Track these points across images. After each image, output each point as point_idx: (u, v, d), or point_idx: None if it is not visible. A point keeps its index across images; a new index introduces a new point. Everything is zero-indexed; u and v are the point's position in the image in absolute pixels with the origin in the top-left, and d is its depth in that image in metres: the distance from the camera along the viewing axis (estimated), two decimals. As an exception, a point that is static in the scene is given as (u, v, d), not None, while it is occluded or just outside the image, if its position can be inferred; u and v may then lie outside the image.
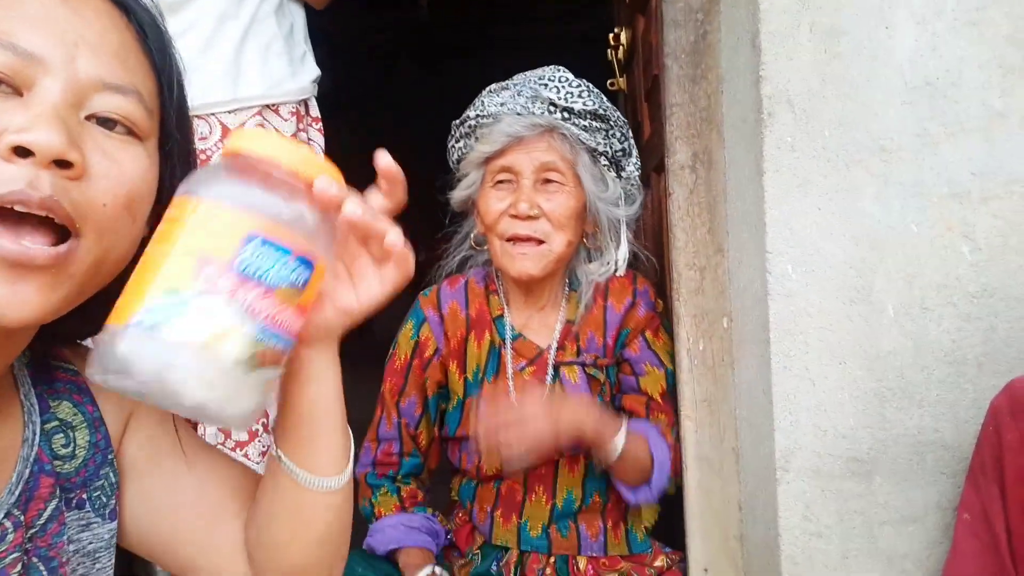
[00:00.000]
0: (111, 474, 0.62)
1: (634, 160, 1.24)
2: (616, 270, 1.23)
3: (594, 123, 1.16)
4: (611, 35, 2.00)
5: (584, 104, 1.15)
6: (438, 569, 1.12)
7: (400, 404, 1.25)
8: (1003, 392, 0.85)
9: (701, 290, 1.18)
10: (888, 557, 0.99)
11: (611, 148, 1.19)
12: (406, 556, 1.16)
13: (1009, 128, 0.94)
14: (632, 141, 1.24)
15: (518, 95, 1.17)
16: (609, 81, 2.06)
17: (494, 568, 1.23)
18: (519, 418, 1.05)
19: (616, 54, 2.02)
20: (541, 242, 1.15)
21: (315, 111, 1.37)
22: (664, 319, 1.25)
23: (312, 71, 1.36)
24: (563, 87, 1.16)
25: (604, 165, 1.19)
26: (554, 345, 1.23)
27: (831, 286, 0.99)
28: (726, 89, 1.12)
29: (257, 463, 1.23)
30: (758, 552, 1.11)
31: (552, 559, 1.21)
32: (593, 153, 1.17)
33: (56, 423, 0.59)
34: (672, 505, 1.26)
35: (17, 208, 0.47)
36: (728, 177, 1.13)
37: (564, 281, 1.26)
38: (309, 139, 1.36)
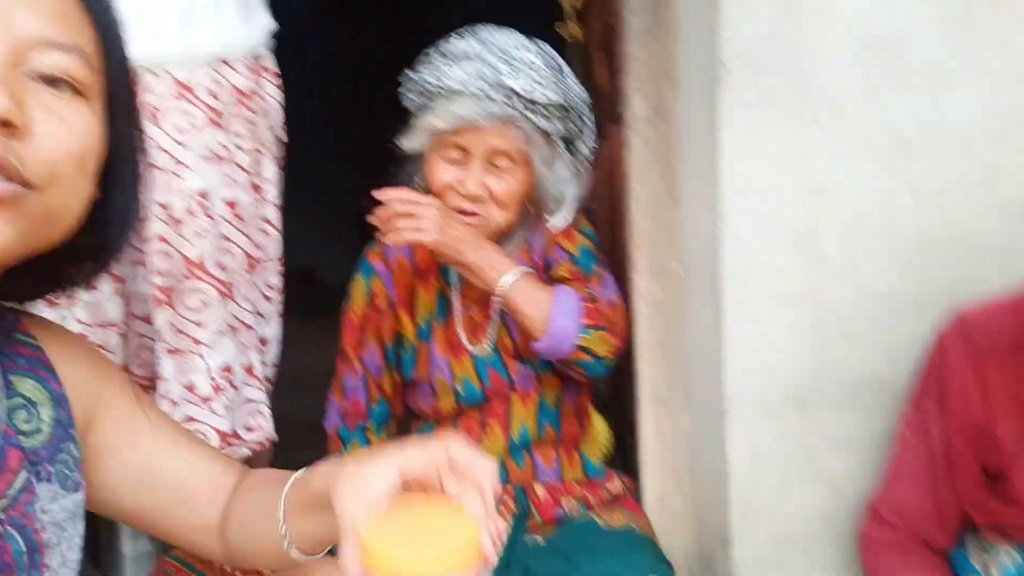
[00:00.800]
0: (73, 448, 0.63)
1: (588, 138, 1.24)
2: (554, 228, 1.25)
3: (555, 112, 1.16)
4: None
5: (547, 97, 1.14)
6: None
7: (362, 356, 1.28)
8: (953, 321, 0.95)
9: (656, 239, 1.24)
10: (826, 480, 1.10)
11: (568, 131, 1.20)
12: None
13: (952, 83, 1.00)
14: (591, 122, 1.23)
15: (479, 77, 1.14)
16: (556, 24, 2.05)
17: None
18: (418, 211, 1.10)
19: (571, 1, 2.01)
20: (482, 216, 1.17)
21: (271, 64, 1.34)
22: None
23: (266, 22, 1.32)
24: (527, 74, 1.13)
25: (560, 147, 1.20)
26: None
27: (779, 235, 1.05)
28: (682, 42, 1.15)
29: (223, 417, 1.24)
30: (708, 481, 1.21)
31: (511, 488, 1.26)
32: (548, 137, 1.18)
33: (19, 399, 0.60)
34: (626, 438, 1.35)
35: None
36: (684, 130, 1.17)
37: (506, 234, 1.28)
38: (266, 94, 1.32)
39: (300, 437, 2.36)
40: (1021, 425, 0.87)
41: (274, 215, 1.36)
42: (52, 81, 0.52)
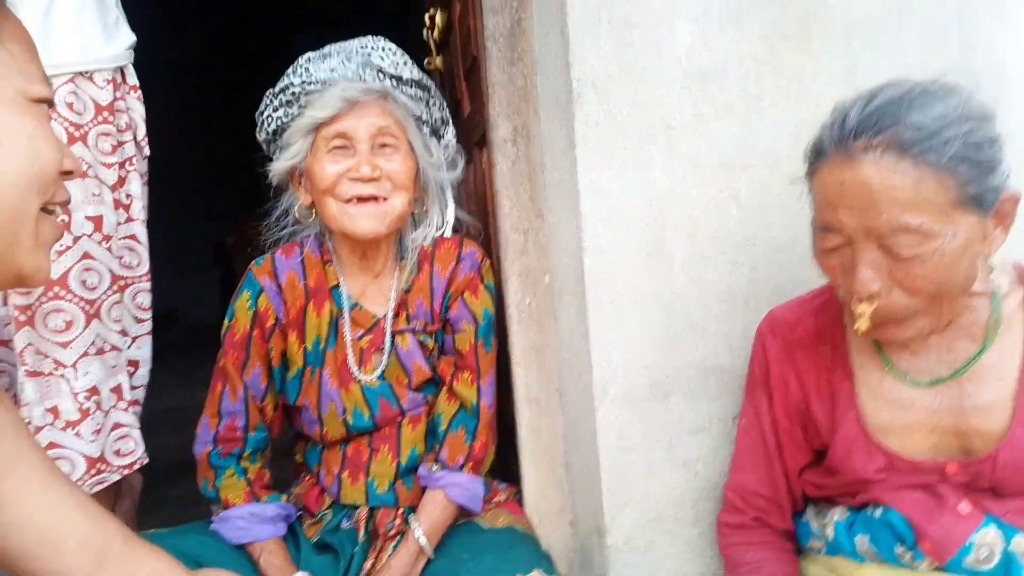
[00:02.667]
0: None
1: (451, 129, 1.32)
2: (443, 231, 1.30)
3: (419, 92, 1.23)
4: (427, 16, 2.08)
5: (411, 73, 1.22)
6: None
7: (245, 377, 1.23)
8: (766, 318, 1.07)
9: (525, 251, 1.32)
10: (684, 462, 1.20)
11: (431, 117, 1.27)
12: (264, 550, 1.18)
13: (762, 110, 1.16)
14: (447, 112, 1.32)
15: (348, 61, 1.18)
16: (426, 60, 2.14)
17: (345, 523, 1.27)
18: None
19: (432, 34, 2.10)
20: (385, 199, 1.18)
21: (132, 78, 1.32)
22: (487, 276, 1.32)
23: (127, 37, 1.30)
24: (389, 56, 1.21)
25: (426, 133, 1.26)
26: (390, 314, 1.27)
27: (632, 242, 1.16)
28: (540, 71, 1.25)
29: (91, 441, 1.19)
30: (582, 474, 1.28)
31: (400, 511, 1.27)
32: (419, 121, 1.24)
33: None
34: (505, 444, 1.40)
35: None
36: (545, 149, 1.26)
37: (396, 249, 1.30)
38: (128, 107, 1.30)
39: (168, 474, 2.25)
40: (831, 404, 1.00)
41: (141, 232, 1.33)
42: None
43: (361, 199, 1.17)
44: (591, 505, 1.24)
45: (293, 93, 1.19)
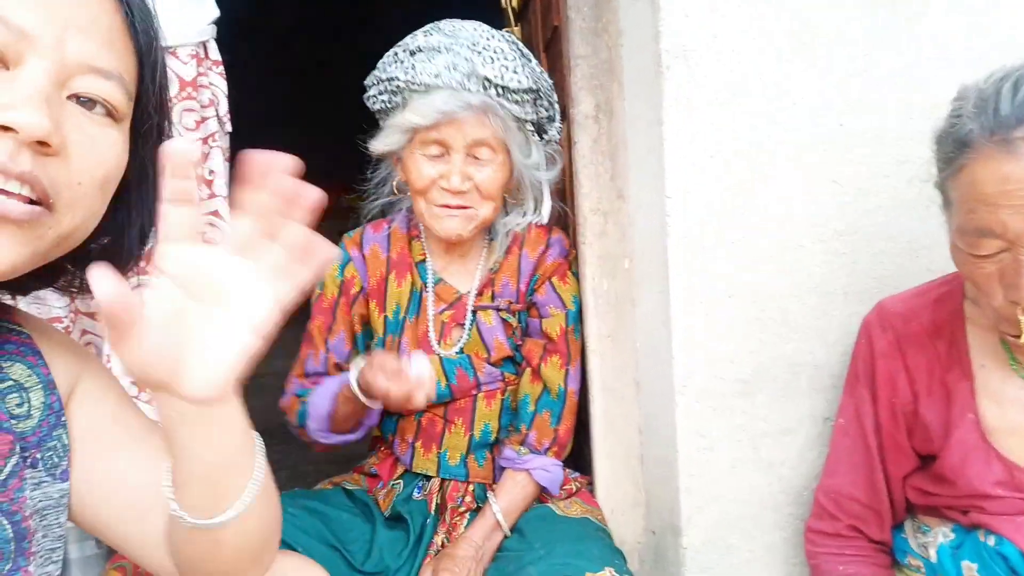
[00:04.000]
0: (64, 436, 0.63)
1: (557, 124, 1.27)
2: (540, 220, 1.29)
3: (526, 97, 1.18)
4: (507, -17, 2.03)
5: (519, 82, 1.15)
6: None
7: (329, 340, 1.29)
8: (874, 309, 0.99)
9: (605, 233, 1.26)
10: (768, 464, 1.14)
11: (538, 116, 1.22)
12: (344, 390, 1.18)
13: (865, 85, 1.06)
14: (557, 106, 1.26)
15: (453, 68, 1.13)
16: (504, 29, 2.08)
17: (416, 494, 1.29)
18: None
19: (511, 2, 2.05)
20: (471, 207, 1.19)
21: (215, 54, 1.32)
22: (574, 264, 1.31)
23: (211, 11, 1.31)
24: (498, 62, 1.14)
25: (530, 131, 1.22)
26: (473, 291, 1.28)
27: (719, 228, 1.09)
28: (626, 42, 1.19)
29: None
30: (657, 468, 1.24)
31: (471, 486, 1.28)
32: (520, 122, 1.20)
33: (11, 383, 0.60)
34: (579, 434, 1.37)
35: None
36: (628, 126, 1.20)
37: (485, 232, 1.30)
38: (210, 83, 1.31)
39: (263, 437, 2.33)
40: (944, 406, 0.92)
41: (224, 208, 1.35)
42: (88, 102, 0.54)
43: (449, 207, 1.19)
44: (667, 502, 1.20)
45: (397, 86, 1.17)
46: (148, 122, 0.60)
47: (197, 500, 0.56)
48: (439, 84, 1.13)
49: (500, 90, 1.14)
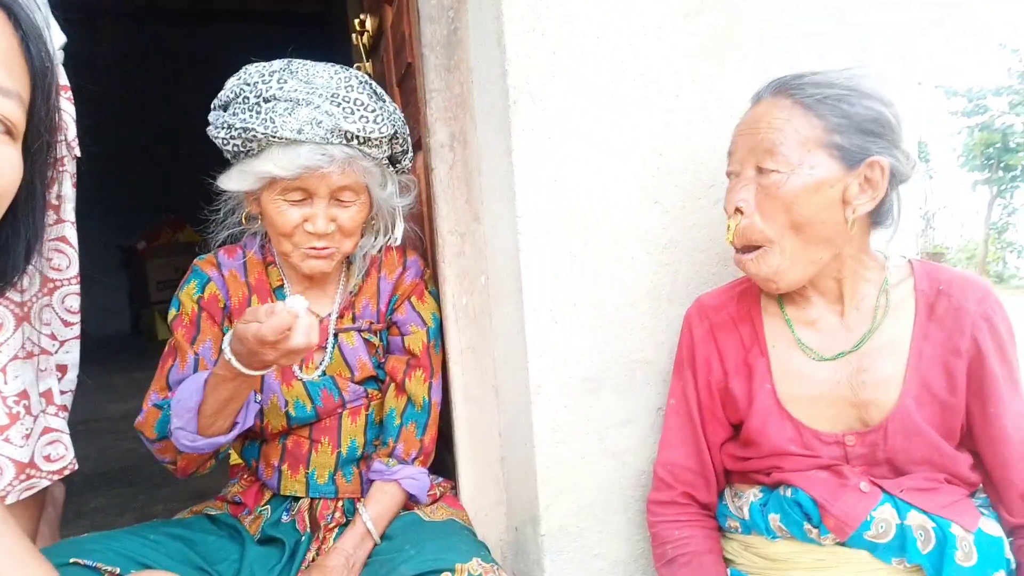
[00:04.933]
0: None
1: (409, 155, 1.31)
2: (394, 242, 1.34)
3: (385, 142, 1.22)
4: (356, 20, 2.10)
5: (381, 132, 1.18)
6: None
7: (196, 348, 1.25)
8: (693, 304, 1.17)
9: (462, 252, 1.36)
10: (613, 452, 1.27)
11: (393, 151, 1.26)
12: (217, 369, 1.09)
13: (685, 121, 1.25)
14: (410, 140, 1.30)
15: (316, 124, 1.12)
16: (356, 65, 2.16)
17: (285, 517, 1.29)
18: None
19: (361, 39, 2.12)
20: (335, 248, 1.22)
21: (63, 79, 1.29)
22: (430, 283, 1.38)
23: (58, 37, 1.28)
24: (359, 113, 1.15)
25: (384, 164, 1.26)
26: (334, 314, 1.31)
27: (565, 244, 1.22)
28: (476, 79, 1.31)
29: (21, 447, 1.15)
30: (517, 467, 1.34)
31: (340, 502, 1.30)
32: (377, 162, 1.23)
33: None
34: (442, 441, 1.44)
35: None
36: (482, 154, 1.31)
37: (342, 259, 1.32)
38: (59, 108, 1.27)
39: (87, 485, 2.18)
40: (747, 380, 1.10)
41: (71, 234, 1.31)
42: None
43: (316, 249, 1.20)
44: (526, 496, 1.30)
45: (253, 136, 1.14)
46: (39, 140, 0.61)
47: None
48: (302, 139, 1.12)
49: (361, 140, 1.17)
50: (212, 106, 1.22)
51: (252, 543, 1.24)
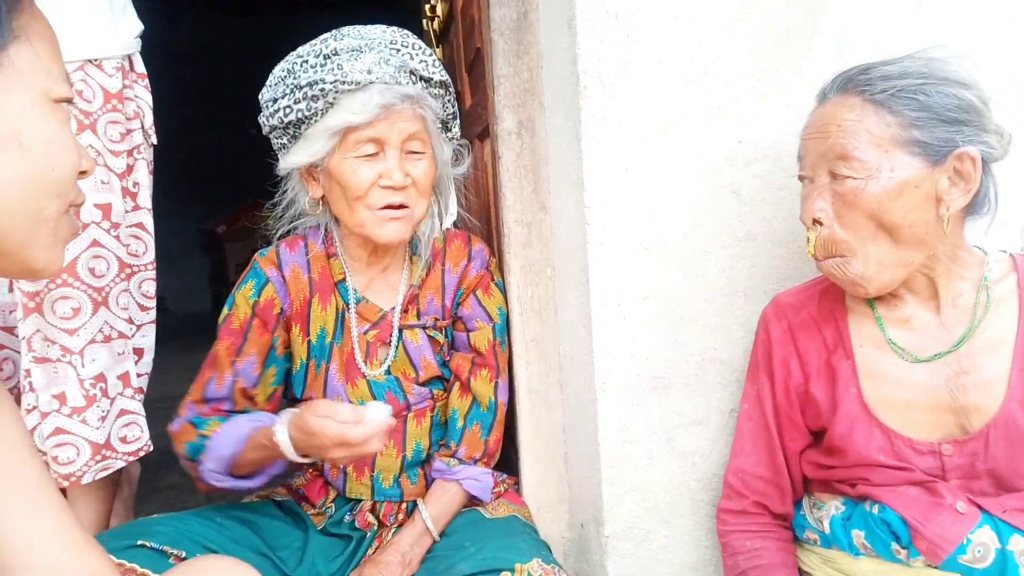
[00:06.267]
0: None
1: (458, 122, 1.30)
2: (443, 223, 1.30)
3: (440, 91, 1.21)
4: (427, 6, 2.08)
5: (440, 75, 1.19)
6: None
7: (237, 364, 1.22)
8: (770, 303, 1.10)
9: (528, 243, 1.33)
10: (682, 454, 1.22)
11: (446, 113, 1.25)
12: (260, 436, 1.09)
13: (764, 106, 1.18)
14: (456, 106, 1.30)
15: (385, 63, 1.12)
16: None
17: (348, 517, 1.28)
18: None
19: (432, 25, 2.11)
20: (409, 207, 1.17)
21: (140, 67, 1.32)
22: (496, 274, 1.34)
23: (135, 25, 1.30)
24: (420, 56, 1.17)
25: (439, 129, 1.25)
26: (398, 308, 1.27)
27: (634, 235, 1.17)
28: (545, 64, 1.27)
29: (96, 428, 1.19)
30: (581, 465, 1.30)
31: (404, 505, 1.29)
32: (437, 120, 1.22)
33: None
34: (505, 437, 1.42)
35: None
36: (550, 142, 1.27)
37: (405, 245, 1.30)
38: (136, 95, 1.30)
39: (161, 464, 2.26)
40: (831, 384, 1.02)
41: (148, 221, 1.34)
42: None
43: (392, 207, 1.16)
44: (590, 495, 1.26)
45: (322, 89, 1.11)
46: None
47: None
48: (372, 80, 1.11)
49: (426, 83, 1.17)
50: (263, 91, 1.20)
51: (316, 532, 1.25)
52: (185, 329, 4.89)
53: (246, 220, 5.44)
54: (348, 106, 1.12)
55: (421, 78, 1.17)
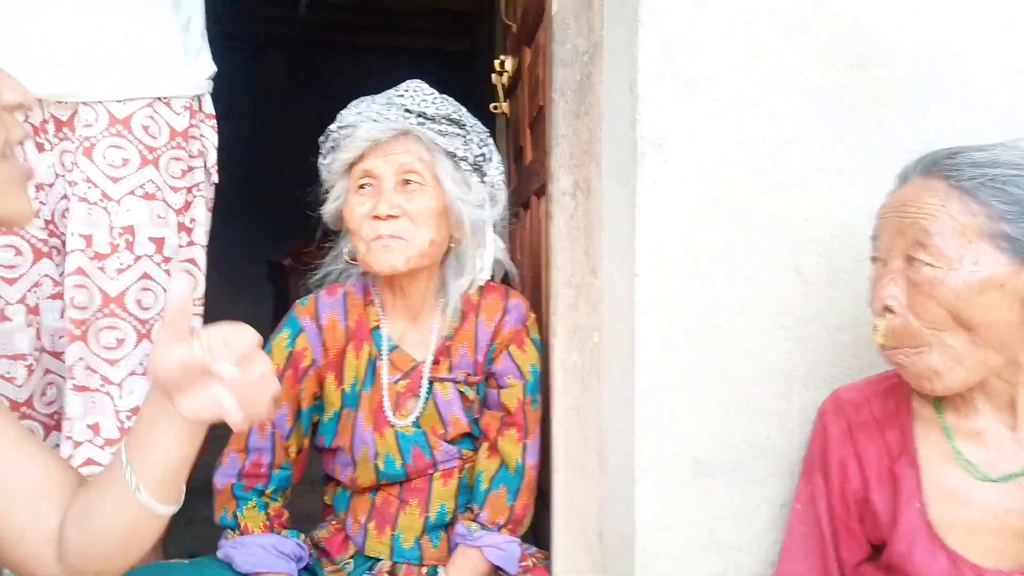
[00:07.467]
0: None
1: (495, 165, 1.29)
2: (482, 273, 1.28)
3: (450, 128, 1.22)
4: (497, 61, 2.11)
5: (437, 110, 1.22)
6: None
7: (273, 416, 1.21)
8: (829, 398, 1.02)
9: (576, 306, 1.29)
10: (725, 548, 1.13)
11: (471, 153, 1.24)
12: None
13: (830, 182, 1.12)
14: (493, 147, 1.30)
15: (373, 103, 1.23)
16: (492, 105, 2.16)
17: None
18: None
19: (501, 79, 2.13)
20: (403, 239, 1.18)
21: (209, 107, 1.35)
22: (532, 329, 1.31)
23: (207, 67, 1.34)
24: (416, 95, 1.23)
25: (467, 170, 1.24)
26: (429, 359, 1.26)
27: (687, 308, 1.12)
28: (605, 126, 1.24)
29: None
30: (615, 545, 1.23)
31: (424, 570, 1.24)
32: (453, 158, 1.22)
33: None
34: (539, 506, 1.36)
35: None
36: (604, 205, 1.24)
37: (439, 292, 1.29)
38: (201, 134, 1.34)
39: (199, 493, 2.25)
40: (892, 494, 0.93)
41: (201, 257, 1.36)
42: None
43: (381, 237, 1.18)
44: (623, 581, 1.18)
45: (333, 139, 1.25)
46: None
47: (157, 488, 0.68)
48: (361, 119, 1.20)
49: (420, 117, 1.20)
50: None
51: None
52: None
53: (310, 255, 5.60)
54: (344, 145, 1.22)
55: (415, 113, 1.21)
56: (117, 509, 0.67)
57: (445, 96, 1.27)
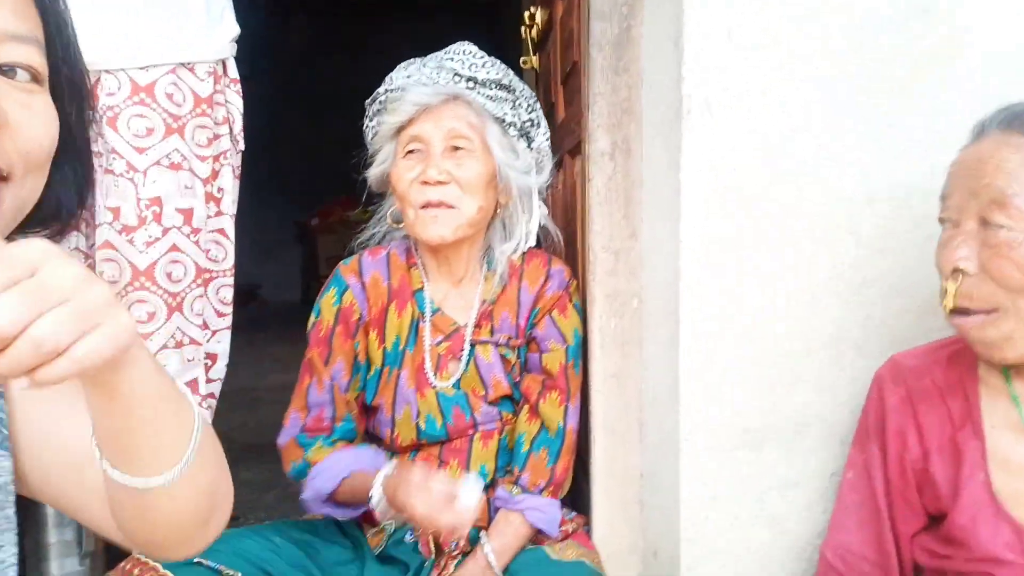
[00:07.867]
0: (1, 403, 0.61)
1: (543, 131, 1.27)
2: (528, 240, 1.26)
3: (499, 92, 1.20)
4: (526, 13, 2.03)
5: (487, 74, 1.19)
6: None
7: (331, 370, 1.24)
8: (886, 364, 0.98)
9: (615, 271, 1.25)
10: (772, 518, 1.11)
11: (519, 119, 1.22)
12: (356, 482, 1.15)
13: (896, 140, 1.05)
14: (540, 113, 1.27)
15: (423, 67, 1.21)
16: (522, 59, 2.09)
17: (408, 537, 1.25)
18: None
19: (530, 32, 2.05)
20: (452, 207, 1.17)
21: (233, 72, 1.31)
22: (575, 295, 1.29)
23: (231, 29, 1.29)
24: (467, 59, 1.20)
25: (513, 136, 1.22)
26: (471, 323, 1.26)
27: (733, 273, 1.07)
28: (646, 83, 1.18)
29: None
30: (658, 515, 1.21)
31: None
32: (502, 123, 1.20)
33: None
34: (579, 473, 1.34)
35: None
36: (645, 167, 1.19)
37: (482, 258, 1.28)
38: (226, 100, 1.30)
39: (241, 457, 2.29)
40: (955, 465, 0.90)
41: (229, 227, 1.33)
42: (9, 71, 0.52)
43: (431, 204, 1.17)
44: (667, 552, 1.17)
45: (380, 101, 1.23)
46: (59, 77, 0.58)
47: (118, 458, 0.55)
48: (411, 82, 1.18)
49: (470, 81, 1.18)
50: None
51: (372, 560, 1.21)
52: (277, 318, 5.03)
53: (337, 215, 5.60)
54: (393, 108, 1.20)
55: (465, 78, 1.18)
56: (107, 484, 0.61)
57: (494, 59, 1.23)
